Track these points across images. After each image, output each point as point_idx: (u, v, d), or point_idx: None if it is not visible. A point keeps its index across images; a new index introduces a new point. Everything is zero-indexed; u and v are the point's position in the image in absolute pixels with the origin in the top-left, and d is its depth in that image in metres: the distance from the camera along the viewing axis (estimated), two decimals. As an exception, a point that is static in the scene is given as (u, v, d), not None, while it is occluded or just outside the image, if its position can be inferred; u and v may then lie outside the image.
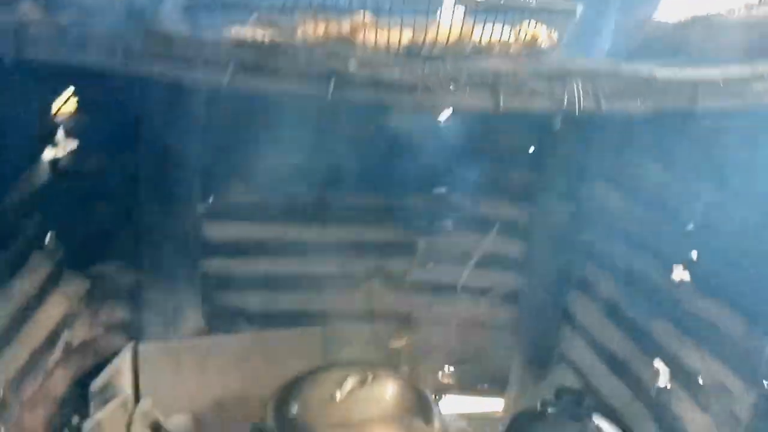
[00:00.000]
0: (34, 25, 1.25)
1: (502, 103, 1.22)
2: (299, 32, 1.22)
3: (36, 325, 2.48)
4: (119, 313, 3.02)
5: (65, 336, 2.71)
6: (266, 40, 1.16)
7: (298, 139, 2.93)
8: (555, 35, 1.47)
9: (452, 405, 3.33)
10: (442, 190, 3.29)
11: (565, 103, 1.23)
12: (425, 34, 1.32)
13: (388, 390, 2.21)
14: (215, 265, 3.15)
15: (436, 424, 2.19)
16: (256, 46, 1.17)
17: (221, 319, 3.17)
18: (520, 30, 1.41)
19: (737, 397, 2.08)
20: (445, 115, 3.08)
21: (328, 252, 3.25)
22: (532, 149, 3.18)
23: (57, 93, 2.43)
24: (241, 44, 1.16)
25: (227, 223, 3.13)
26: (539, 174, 3.16)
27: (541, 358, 3.35)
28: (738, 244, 2.08)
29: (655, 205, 2.59)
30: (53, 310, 2.62)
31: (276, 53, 1.16)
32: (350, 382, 2.17)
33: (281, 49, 1.17)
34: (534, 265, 3.32)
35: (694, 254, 2.33)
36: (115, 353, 2.85)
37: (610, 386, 2.83)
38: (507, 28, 1.41)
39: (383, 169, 3.08)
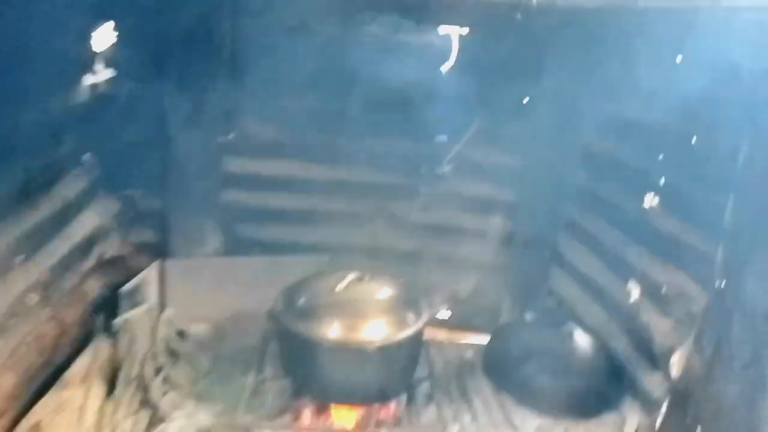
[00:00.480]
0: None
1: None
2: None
3: (73, 230, 2.78)
4: (147, 234, 3.34)
5: (97, 248, 3.03)
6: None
7: (312, 83, 3.26)
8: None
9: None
10: (443, 137, 3.55)
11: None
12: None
13: (383, 286, 2.50)
14: (233, 196, 3.45)
15: (424, 315, 2.48)
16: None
17: (238, 246, 3.48)
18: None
19: (693, 299, 2.35)
20: (446, 66, 3.39)
21: (336, 191, 3.56)
22: (525, 100, 3.44)
23: (96, 23, 2.73)
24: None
25: (244, 158, 3.43)
26: (529, 122, 3.41)
27: (532, 295, 3.61)
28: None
29: (630, 139, 2.87)
30: (87, 222, 2.91)
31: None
32: (350, 278, 2.46)
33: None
34: (526, 208, 3.59)
35: (661, 181, 2.60)
36: (142, 270, 3.17)
37: (591, 312, 3.09)
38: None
39: (387, 115, 3.36)
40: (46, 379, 2.47)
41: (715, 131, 2.24)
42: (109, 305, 2.93)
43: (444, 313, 3.71)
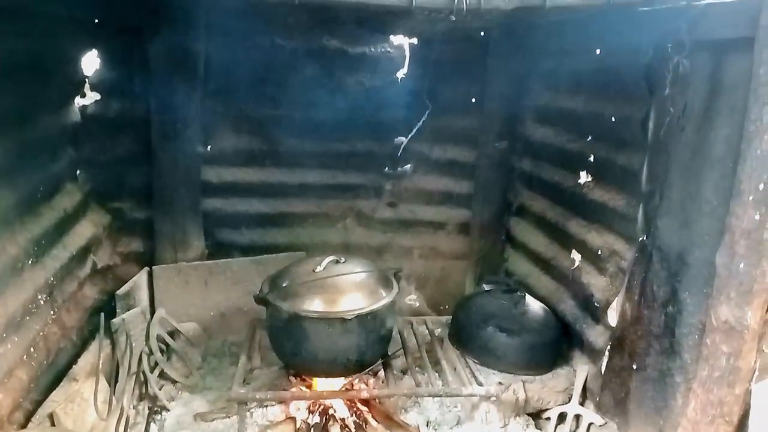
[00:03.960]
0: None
1: (414, 2, 1.87)
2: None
3: (71, 240, 3.02)
4: (135, 243, 3.60)
5: (92, 257, 3.28)
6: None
7: (280, 94, 3.61)
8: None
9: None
10: (402, 138, 3.91)
11: (455, 0, 1.88)
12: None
13: (357, 267, 2.83)
14: (213, 204, 3.74)
15: (394, 290, 2.82)
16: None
17: (220, 250, 3.77)
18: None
19: (623, 255, 2.73)
20: (401, 73, 3.78)
21: (307, 193, 3.89)
22: (473, 99, 3.84)
23: (85, 50, 3.04)
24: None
25: (221, 167, 3.73)
26: (479, 118, 3.81)
27: (491, 277, 3.96)
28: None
29: (563, 125, 3.28)
30: (83, 232, 3.15)
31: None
32: (328, 260, 2.78)
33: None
34: (481, 198, 3.97)
35: (591, 158, 3.00)
36: (131, 277, 3.43)
37: (542, 283, 3.47)
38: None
39: (351, 120, 3.71)
40: (54, 375, 2.71)
41: (628, 108, 2.64)
42: (106, 308, 3.18)
43: (414, 299, 4.06)
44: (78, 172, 3.16)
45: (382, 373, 2.98)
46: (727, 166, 1.97)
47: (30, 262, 2.55)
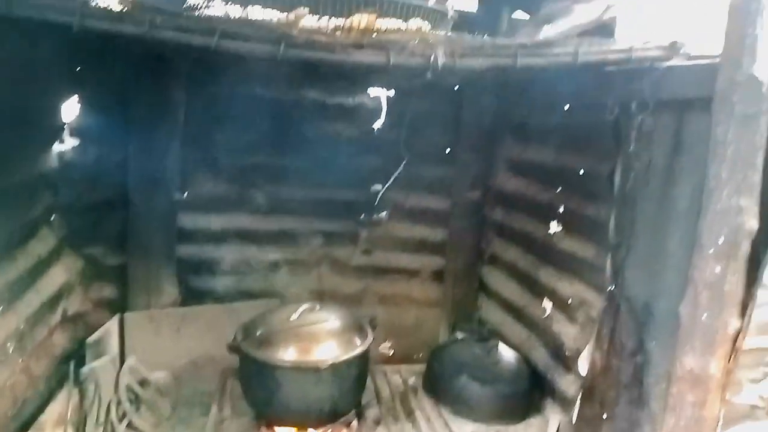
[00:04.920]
0: None
1: (391, 61, 1.96)
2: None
3: (43, 285, 2.99)
4: (108, 289, 3.56)
5: (63, 304, 3.24)
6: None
7: (257, 142, 3.67)
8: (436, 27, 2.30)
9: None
10: (378, 186, 3.97)
11: (432, 59, 1.98)
12: (344, 23, 2.08)
13: (331, 315, 2.84)
14: (187, 250, 3.73)
15: (369, 339, 2.83)
16: (234, 19, 1.88)
17: (193, 296, 3.74)
18: (408, 23, 2.20)
19: (592, 304, 2.79)
20: (377, 123, 3.87)
21: (282, 240, 3.91)
22: (447, 150, 3.94)
23: (65, 97, 3.07)
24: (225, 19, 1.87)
25: (197, 213, 3.73)
26: (453, 169, 3.90)
27: (465, 325, 4.00)
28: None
29: (533, 176, 3.38)
30: (56, 278, 3.13)
31: (246, 24, 1.87)
32: (302, 309, 2.80)
33: (250, 22, 1.89)
34: (454, 246, 4.03)
35: (561, 209, 3.10)
36: (102, 325, 3.39)
37: (514, 331, 3.51)
38: (401, 21, 2.20)
39: (328, 169, 3.77)
40: (20, 426, 2.64)
41: (595, 162, 2.75)
42: (76, 355, 3.12)
43: (388, 348, 4.06)
44: (53, 217, 3.14)
45: (355, 423, 2.96)
46: (691, 219, 2.04)
47: (1, 308, 2.51)
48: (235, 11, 2.30)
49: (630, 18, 2.47)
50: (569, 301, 2.96)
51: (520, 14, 3.57)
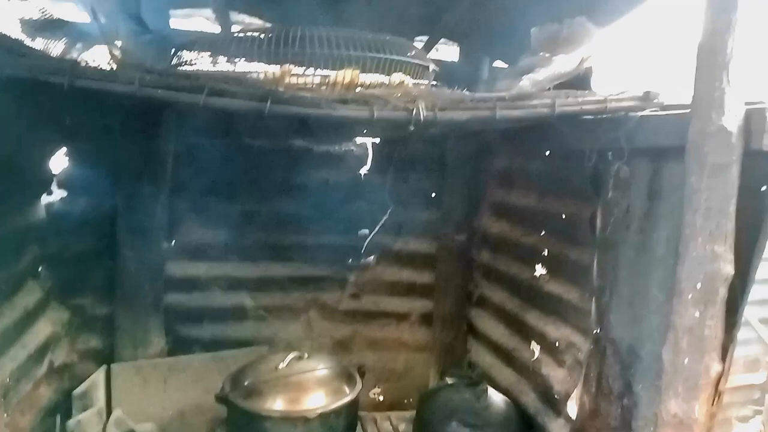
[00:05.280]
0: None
1: (375, 115, 2.02)
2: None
3: (29, 339, 2.98)
4: (94, 340, 3.54)
5: (49, 356, 3.22)
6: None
7: (245, 189, 3.71)
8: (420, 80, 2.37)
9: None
10: (365, 231, 4.01)
11: (414, 113, 2.04)
12: (329, 78, 2.15)
13: (320, 363, 2.84)
14: (175, 298, 3.73)
15: (358, 386, 2.83)
16: (221, 77, 1.94)
17: (181, 345, 3.72)
18: (391, 77, 2.28)
19: (580, 348, 2.81)
20: (364, 169, 3.93)
21: (270, 286, 3.92)
22: (433, 194, 4.00)
23: (54, 149, 3.11)
24: (212, 76, 1.92)
25: (184, 261, 3.74)
26: (439, 212, 3.96)
27: (454, 369, 3.99)
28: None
29: (517, 220, 3.43)
30: (42, 330, 3.12)
31: (233, 82, 1.93)
32: (291, 357, 2.80)
33: (236, 79, 1.95)
34: (442, 289, 4.05)
35: (545, 252, 3.14)
36: (88, 376, 3.36)
37: (503, 375, 3.51)
38: (383, 76, 2.28)
39: (316, 215, 3.81)
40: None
41: (577, 207, 2.80)
42: (62, 408, 3.09)
43: (377, 394, 4.04)
44: (40, 269, 3.14)
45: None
46: (669, 264, 2.09)
47: (-13, 363, 2.51)
48: (222, 65, 2.39)
49: (606, 68, 2.56)
50: (557, 344, 2.98)
51: (500, 63, 3.70)
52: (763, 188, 1.83)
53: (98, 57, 2.82)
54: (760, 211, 1.83)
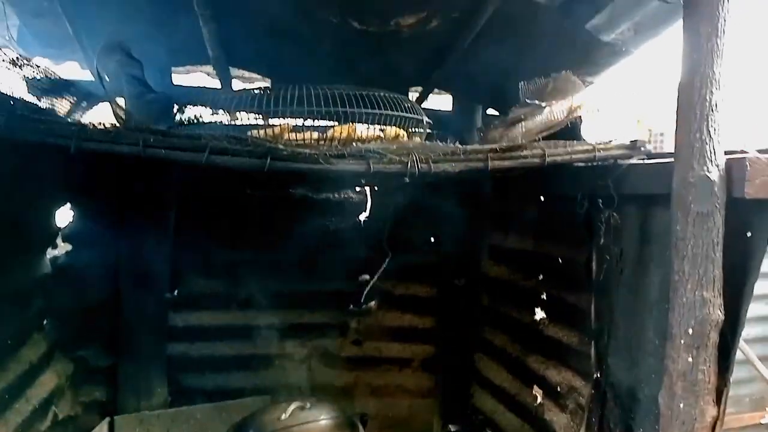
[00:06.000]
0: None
1: (371, 168, 2.09)
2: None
3: (33, 393, 3.00)
4: (98, 392, 3.55)
5: (53, 409, 3.23)
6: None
7: (247, 238, 3.76)
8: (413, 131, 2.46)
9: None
10: (367, 276, 4.05)
11: (408, 165, 2.11)
12: (327, 134, 2.23)
13: (322, 412, 2.85)
14: (178, 348, 3.75)
15: (360, 434, 2.83)
16: (223, 135, 2.02)
17: (184, 396, 3.73)
18: (385, 130, 2.36)
19: (581, 392, 2.82)
20: (363, 216, 4.00)
21: (272, 334, 3.94)
22: (432, 239, 4.06)
23: (59, 205, 3.19)
24: (213, 135, 2.00)
25: (187, 311, 3.77)
26: (439, 257, 4.00)
27: (458, 414, 3.98)
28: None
29: (517, 265, 3.47)
30: (47, 383, 3.13)
31: (234, 140, 2.01)
32: (293, 407, 2.81)
33: (237, 138, 2.03)
34: (444, 334, 4.07)
35: (543, 296, 3.18)
36: (92, 428, 3.37)
37: (507, 419, 3.50)
38: (378, 128, 2.36)
39: (317, 261, 3.86)
40: None
41: (572, 251, 2.85)
42: (65, 462, 3.09)
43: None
44: (45, 322, 3.18)
45: None
46: (664, 308, 2.13)
47: (-6, 419, 2.53)
48: (224, 118, 2.48)
49: (594, 118, 2.65)
50: (558, 389, 2.98)
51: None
52: (748, 234, 1.88)
53: (103, 115, 2.93)
54: (746, 257, 1.88)
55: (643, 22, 3.01)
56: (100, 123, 2.12)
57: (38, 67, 2.47)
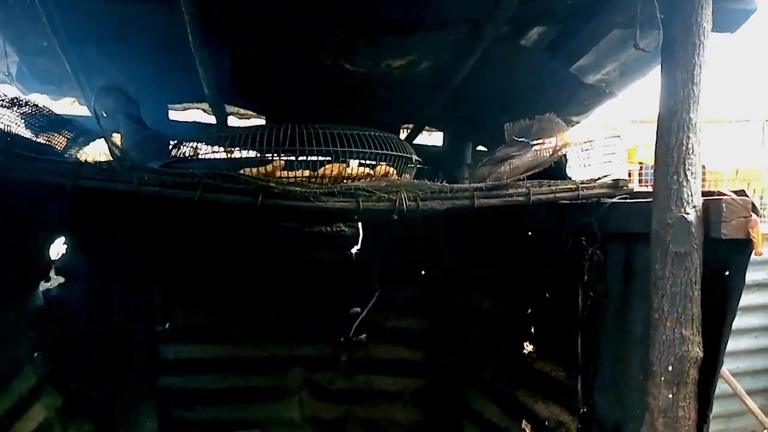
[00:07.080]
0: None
1: (360, 206, 2.14)
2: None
3: (23, 425, 2.98)
4: (86, 426, 3.53)
5: (41, 443, 3.21)
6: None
7: (238, 272, 3.80)
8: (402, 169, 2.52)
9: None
10: (359, 309, 4.08)
11: (397, 203, 2.17)
12: (317, 172, 2.29)
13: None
14: (168, 381, 3.76)
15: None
16: (216, 173, 2.07)
17: (174, 429, 3.72)
18: (375, 168, 2.43)
19: (569, 426, 2.84)
20: (354, 248, 4.04)
21: (263, 367, 3.96)
22: (422, 272, 4.10)
23: (53, 239, 3.22)
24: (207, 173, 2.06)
25: (178, 344, 3.79)
26: (429, 289, 4.04)
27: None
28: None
29: (506, 298, 3.51)
30: (36, 416, 3.13)
31: (227, 178, 2.06)
32: (282, 441, 2.82)
33: (230, 176, 2.08)
34: (434, 367, 4.08)
35: (533, 330, 3.21)
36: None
37: (497, 455, 3.51)
38: (368, 166, 2.43)
39: (308, 294, 3.90)
40: None
41: (559, 286, 2.89)
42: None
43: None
44: (36, 355, 3.19)
45: None
46: (647, 344, 2.17)
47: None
48: (220, 154, 2.54)
49: (579, 156, 2.72)
50: (546, 423, 3.00)
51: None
52: (726, 273, 1.94)
53: (99, 152, 2.99)
54: (724, 295, 1.93)
55: (628, 63, 3.11)
56: (95, 161, 2.18)
57: (36, 106, 2.53)
